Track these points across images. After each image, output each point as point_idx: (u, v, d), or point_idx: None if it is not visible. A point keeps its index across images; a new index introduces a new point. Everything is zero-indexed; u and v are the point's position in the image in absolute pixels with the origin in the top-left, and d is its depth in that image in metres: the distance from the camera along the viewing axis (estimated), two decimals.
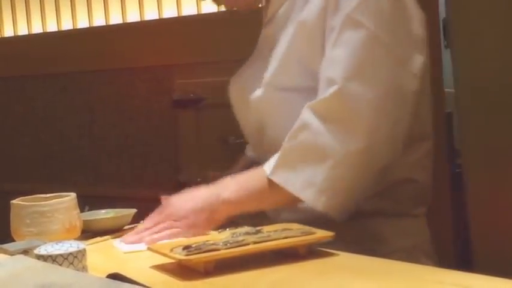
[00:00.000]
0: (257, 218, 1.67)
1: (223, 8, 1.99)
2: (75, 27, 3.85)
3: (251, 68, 1.85)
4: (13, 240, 1.61)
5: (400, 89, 1.60)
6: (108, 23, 3.70)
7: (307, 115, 1.58)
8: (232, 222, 1.66)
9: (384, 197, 1.68)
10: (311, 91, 1.62)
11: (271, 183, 1.61)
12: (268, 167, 1.63)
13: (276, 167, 1.60)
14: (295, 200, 1.60)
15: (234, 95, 1.89)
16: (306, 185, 1.57)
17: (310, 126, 1.57)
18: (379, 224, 1.69)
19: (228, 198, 1.65)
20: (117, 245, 1.67)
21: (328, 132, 1.55)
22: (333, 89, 1.54)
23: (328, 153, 1.55)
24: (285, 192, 1.59)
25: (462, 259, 2.44)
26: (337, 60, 1.56)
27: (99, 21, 3.75)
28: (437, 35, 2.64)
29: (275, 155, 1.62)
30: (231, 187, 1.67)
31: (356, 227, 1.66)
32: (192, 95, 3.14)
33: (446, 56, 2.58)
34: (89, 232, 1.76)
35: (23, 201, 1.65)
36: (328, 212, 1.58)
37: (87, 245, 1.50)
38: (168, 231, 1.64)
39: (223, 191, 1.67)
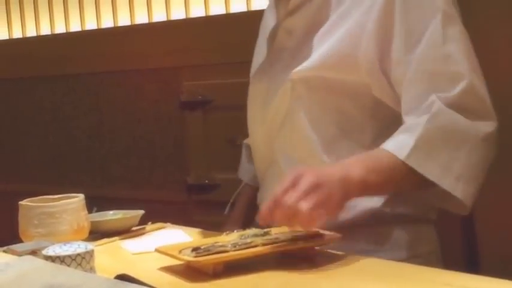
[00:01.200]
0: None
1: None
2: (83, 29, 3.85)
3: (275, 62, 1.80)
4: (21, 241, 1.62)
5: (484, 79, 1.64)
6: (116, 25, 3.71)
7: (440, 106, 1.55)
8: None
9: (400, 203, 1.67)
10: (345, 83, 1.64)
11: (404, 166, 1.53)
12: (398, 149, 1.53)
13: (413, 151, 1.52)
14: (427, 185, 1.55)
15: (256, 93, 1.86)
16: (444, 171, 1.53)
17: (445, 112, 1.54)
18: (394, 231, 1.68)
19: (360, 178, 1.50)
20: (125, 246, 1.67)
21: (465, 119, 1.54)
22: (463, 83, 1.55)
23: (465, 137, 1.54)
24: (418, 177, 1.53)
25: (469, 261, 2.44)
26: (456, 55, 1.57)
27: (107, 22, 3.75)
28: None
29: (401, 137, 1.55)
30: (359, 168, 1.52)
31: (370, 234, 1.65)
32: (200, 97, 3.14)
33: None
34: (96, 233, 1.76)
35: (31, 202, 1.65)
36: (464, 199, 1.55)
37: (95, 246, 1.51)
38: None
39: (353, 171, 1.50)
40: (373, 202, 1.65)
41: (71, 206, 1.64)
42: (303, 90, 1.68)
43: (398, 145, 1.54)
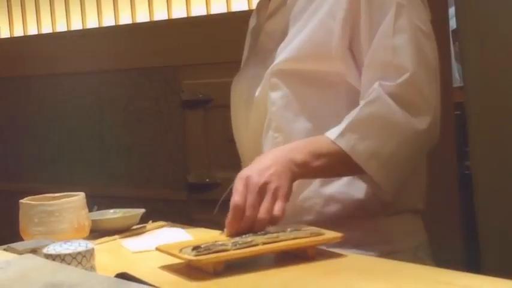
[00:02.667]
0: None
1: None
2: (84, 28, 3.86)
3: (256, 65, 1.84)
4: (22, 240, 1.62)
5: (436, 77, 1.66)
6: (117, 24, 3.71)
7: (379, 92, 1.59)
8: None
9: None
10: (320, 74, 1.66)
11: (340, 150, 1.57)
12: (332, 132, 1.58)
13: (344, 132, 1.57)
14: (353, 170, 1.59)
15: (237, 95, 1.88)
16: (371, 156, 1.57)
17: (385, 100, 1.58)
18: (382, 223, 1.69)
19: (301, 162, 1.56)
20: (126, 244, 1.67)
21: (401, 111, 1.57)
22: (405, 75, 1.58)
23: (399, 129, 1.57)
24: (345, 159, 1.57)
25: (470, 260, 2.44)
26: (401, 48, 1.60)
27: (108, 21, 3.75)
28: (448, 46, 2.64)
29: (340, 124, 1.59)
30: (300, 153, 1.58)
31: (359, 228, 1.65)
32: (200, 96, 3.15)
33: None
34: (97, 232, 1.76)
35: (31, 201, 1.65)
36: (383, 186, 1.59)
37: (96, 244, 1.51)
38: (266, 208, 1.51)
39: (295, 156, 1.57)
40: (360, 193, 1.67)
41: (72, 205, 1.64)
42: (279, 81, 1.70)
43: (335, 129, 1.59)
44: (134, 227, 1.83)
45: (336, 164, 1.60)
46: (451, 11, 2.59)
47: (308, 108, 1.69)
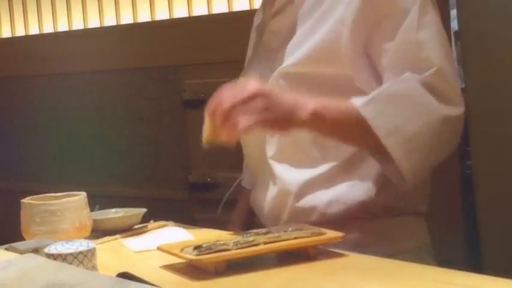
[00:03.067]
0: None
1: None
2: (86, 27, 3.85)
3: (260, 63, 1.83)
4: (23, 239, 1.62)
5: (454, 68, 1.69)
6: (118, 23, 3.71)
7: (411, 77, 1.58)
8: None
9: (387, 194, 1.67)
10: (328, 77, 1.66)
11: (357, 115, 1.54)
12: (359, 99, 1.56)
13: (369, 102, 1.55)
14: (372, 143, 1.55)
15: None
16: (392, 130, 1.53)
17: (416, 84, 1.56)
18: (385, 224, 1.69)
19: (313, 108, 1.53)
20: (127, 244, 1.67)
21: (430, 94, 1.56)
22: (433, 69, 1.57)
23: (426, 110, 1.55)
24: (366, 129, 1.53)
25: (471, 260, 2.44)
26: (427, 42, 1.60)
27: (109, 20, 3.75)
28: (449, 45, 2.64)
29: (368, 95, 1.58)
30: (316, 101, 1.55)
31: (362, 229, 1.66)
32: (202, 95, 3.14)
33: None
34: (98, 231, 1.77)
35: (33, 200, 1.65)
36: (399, 164, 1.54)
37: (97, 244, 1.51)
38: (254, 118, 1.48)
39: (310, 102, 1.54)
40: (363, 195, 1.66)
41: (73, 204, 1.64)
42: (287, 86, 1.70)
43: (362, 98, 1.56)
44: (136, 226, 1.83)
45: (354, 131, 1.58)
46: (453, 13, 2.59)
47: None
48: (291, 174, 1.72)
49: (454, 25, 2.46)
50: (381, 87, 1.58)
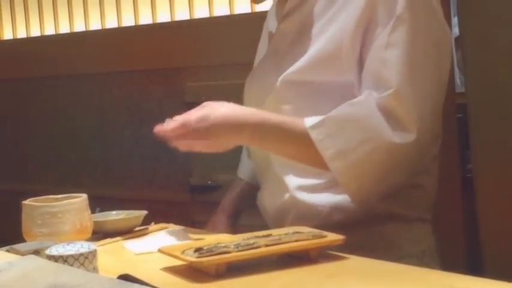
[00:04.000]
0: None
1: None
2: (87, 29, 3.86)
3: (267, 65, 1.84)
4: (24, 241, 1.62)
5: (436, 96, 1.65)
6: (120, 25, 3.71)
7: (366, 98, 1.58)
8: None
9: (393, 201, 1.68)
10: (331, 85, 1.66)
11: (305, 136, 1.58)
12: (310, 120, 1.59)
13: (319, 124, 1.58)
14: (319, 163, 1.59)
15: (251, 93, 1.87)
16: (338, 155, 1.56)
17: (370, 105, 1.57)
18: (390, 229, 1.70)
19: (252, 134, 1.63)
20: (128, 246, 1.67)
21: (384, 119, 1.56)
22: (390, 90, 1.57)
23: (373, 136, 1.56)
24: (313, 151, 1.57)
25: (472, 263, 2.44)
26: (390, 62, 1.59)
27: (111, 23, 3.75)
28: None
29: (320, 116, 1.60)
30: (259, 123, 1.62)
31: (367, 233, 1.67)
32: (203, 98, 3.14)
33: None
34: (99, 233, 1.77)
35: (34, 202, 1.65)
36: (346, 190, 1.59)
37: (98, 246, 1.51)
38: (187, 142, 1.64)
39: (249, 126, 1.62)
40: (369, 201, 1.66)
41: (74, 206, 1.64)
42: (291, 93, 1.71)
43: (314, 117, 1.59)
44: (137, 228, 1.83)
45: (303, 150, 1.62)
46: (455, 20, 2.59)
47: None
48: (297, 179, 1.73)
49: (456, 31, 2.46)
50: (335, 109, 1.59)
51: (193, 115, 1.60)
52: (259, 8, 3.01)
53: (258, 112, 1.64)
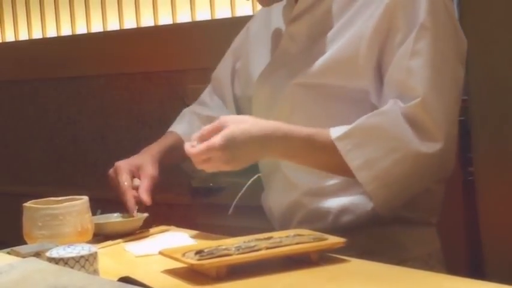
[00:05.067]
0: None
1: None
2: (89, 31, 3.86)
3: (278, 68, 1.81)
4: (25, 243, 1.62)
5: (455, 106, 1.66)
6: (122, 28, 3.71)
7: (393, 107, 1.58)
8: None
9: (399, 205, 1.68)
10: (346, 89, 1.66)
11: (331, 147, 1.58)
12: (336, 131, 1.59)
13: (345, 135, 1.58)
14: (346, 172, 1.59)
15: (260, 96, 1.86)
16: (365, 165, 1.56)
17: (395, 114, 1.57)
18: (396, 232, 1.70)
19: (281, 154, 1.64)
20: (129, 248, 1.67)
21: (410, 128, 1.56)
22: (417, 100, 1.57)
23: (400, 145, 1.56)
24: (340, 161, 1.57)
25: (473, 267, 2.43)
26: (416, 71, 1.59)
27: (113, 25, 3.75)
28: None
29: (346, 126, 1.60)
30: (296, 135, 1.61)
31: (372, 235, 1.67)
32: None
33: None
34: (100, 235, 1.76)
35: (35, 204, 1.65)
36: (372, 199, 1.59)
37: (99, 248, 1.51)
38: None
39: (277, 147, 1.62)
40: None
41: (75, 208, 1.64)
42: (304, 97, 1.70)
43: (340, 128, 1.59)
44: (137, 231, 1.83)
45: (329, 160, 1.61)
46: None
47: (329, 123, 1.66)
48: (305, 181, 1.73)
49: None
50: (360, 119, 1.59)
51: (217, 140, 1.55)
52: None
53: (282, 126, 1.61)
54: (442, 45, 1.62)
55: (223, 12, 3.30)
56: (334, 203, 1.68)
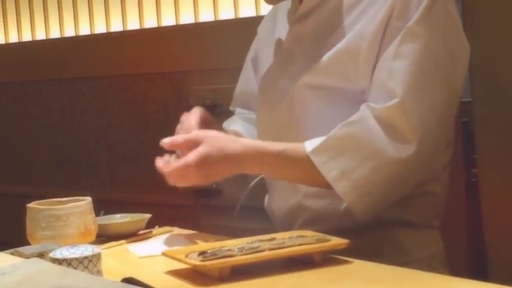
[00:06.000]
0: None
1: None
2: (92, 32, 3.86)
3: (282, 70, 1.81)
4: (29, 244, 1.62)
5: (444, 109, 1.64)
6: (125, 29, 3.71)
7: (365, 113, 1.58)
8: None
9: (403, 207, 1.68)
10: (346, 91, 1.65)
11: (306, 160, 1.59)
12: (310, 144, 1.60)
13: (319, 148, 1.58)
14: (323, 185, 1.59)
15: (264, 98, 1.86)
16: (342, 176, 1.56)
17: (367, 121, 1.57)
18: (399, 234, 1.69)
19: (254, 168, 1.68)
20: (132, 249, 1.67)
21: (383, 134, 1.56)
22: (394, 101, 1.56)
23: (376, 153, 1.56)
24: (317, 174, 1.58)
25: (476, 269, 2.43)
26: (397, 73, 1.58)
27: (116, 26, 3.76)
28: None
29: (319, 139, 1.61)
30: (270, 154, 1.64)
31: (375, 237, 1.66)
32: (208, 102, 3.14)
33: None
34: (104, 236, 1.76)
35: (38, 205, 1.65)
36: (354, 209, 1.59)
37: (102, 249, 1.51)
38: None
39: (251, 162, 1.65)
40: None
41: (79, 209, 1.64)
42: (307, 98, 1.70)
43: (312, 141, 1.60)
44: (141, 232, 1.83)
45: (305, 174, 1.63)
46: None
47: (332, 125, 1.65)
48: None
49: None
50: (333, 130, 1.60)
51: (193, 158, 1.61)
52: (264, 11, 3.02)
53: (254, 144, 1.67)
54: (435, 49, 1.59)
55: (226, 13, 3.30)
56: (336, 205, 1.68)
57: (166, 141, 1.72)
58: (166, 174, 1.67)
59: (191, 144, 1.65)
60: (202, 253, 1.38)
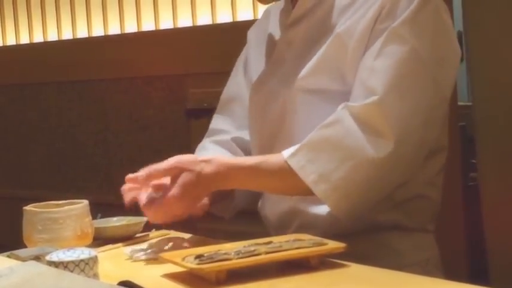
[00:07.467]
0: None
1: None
2: (90, 36, 3.86)
3: (274, 74, 1.81)
4: (25, 247, 1.62)
5: (430, 111, 1.62)
6: (123, 32, 3.72)
7: (342, 113, 1.58)
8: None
9: (397, 212, 1.68)
10: (335, 93, 1.64)
11: (285, 167, 1.58)
12: (287, 151, 1.59)
13: (296, 152, 1.58)
14: (304, 191, 1.58)
15: (255, 104, 1.86)
16: (320, 179, 1.55)
17: (344, 122, 1.56)
18: (393, 238, 1.69)
19: (235, 183, 1.66)
20: (129, 252, 1.67)
21: (361, 132, 1.55)
22: (372, 98, 1.55)
23: (353, 154, 1.55)
24: (296, 180, 1.57)
25: (474, 273, 2.43)
26: (378, 71, 1.57)
27: (114, 29, 3.76)
28: None
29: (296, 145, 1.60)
30: (243, 167, 1.64)
31: (370, 241, 1.66)
32: (205, 105, 3.15)
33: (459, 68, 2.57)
34: (100, 239, 1.76)
35: (35, 208, 1.65)
36: (335, 212, 1.58)
37: (99, 252, 1.51)
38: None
39: (237, 171, 1.63)
40: (371, 211, 1.66)
41: (75, 212, 1.64)
42: (299, 102, 1.70)
43: (291, 148, 1.60)
44: (137, 235, 1.83)
45: (285, 183, 1.62)
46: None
47: None
48: None
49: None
50: (310, 134, 1.59)
51: (176, 192, 1.59)
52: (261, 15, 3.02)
53: (227, 162, 1.65)
54: (422, 52, 1.59)
55: (224, 17, 3.30)
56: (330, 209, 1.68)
57: (142, 175, 1.72)
58: (149, 213, 1.64)
59: (171, 173, 1.64)
60: (198, 256, 1.38)
